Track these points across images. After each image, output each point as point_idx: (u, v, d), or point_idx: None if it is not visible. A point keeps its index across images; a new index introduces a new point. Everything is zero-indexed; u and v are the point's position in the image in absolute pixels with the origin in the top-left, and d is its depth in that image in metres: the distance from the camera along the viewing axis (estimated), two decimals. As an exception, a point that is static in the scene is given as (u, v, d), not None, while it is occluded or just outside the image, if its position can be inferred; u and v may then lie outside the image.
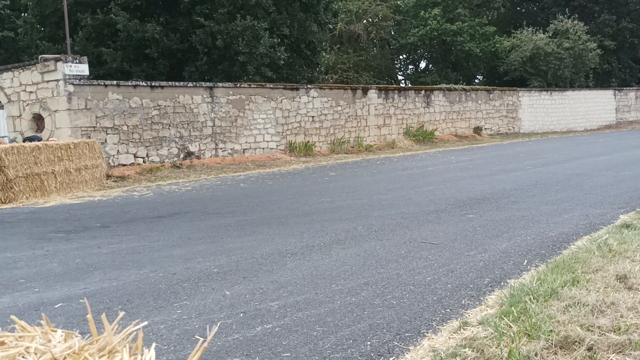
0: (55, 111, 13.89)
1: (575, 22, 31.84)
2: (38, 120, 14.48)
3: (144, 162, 15.14)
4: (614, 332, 3.38)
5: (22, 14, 27.29)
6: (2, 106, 15.37)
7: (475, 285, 4.65)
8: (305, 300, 4.40)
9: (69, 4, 17.78)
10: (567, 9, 33.29)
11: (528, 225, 6.87)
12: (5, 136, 14.26)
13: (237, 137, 17.34)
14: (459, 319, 3.88)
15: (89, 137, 13.77)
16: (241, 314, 4.14)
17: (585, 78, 33.08)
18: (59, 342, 1.24)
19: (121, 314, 1.39)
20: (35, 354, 1.20)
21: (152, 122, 15.32)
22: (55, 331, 1.30)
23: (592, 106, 32.11)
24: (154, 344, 1.28)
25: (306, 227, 7.20)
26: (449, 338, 3.56)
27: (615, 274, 4.41)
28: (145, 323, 1.37)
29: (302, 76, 22.09)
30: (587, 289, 4.11)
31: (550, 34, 31.51)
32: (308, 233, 6.85)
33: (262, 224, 7.54)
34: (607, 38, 34.19)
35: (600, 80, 35.53)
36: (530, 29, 31.62)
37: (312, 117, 19.54)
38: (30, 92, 14.37)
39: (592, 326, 3.44)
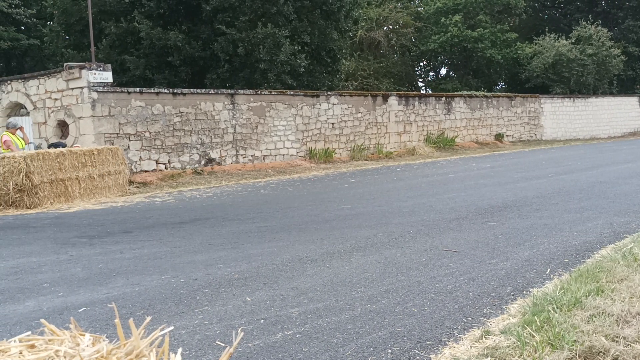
0: (79, 118, 14.12)
1: (599, 28, 31.48)
2: (63, 126, 14.72)
3: (165, 168, 15.29)
4: (640, 343, 3.32)
5: (48, 23, 27.82)
6: (28, 113, 15.66)
7: (497, 294, 4.61)
8: (325, 307, 4.40)
9: (94, 12, 18.09)
10: (590, 15, 32.94)
11: (551, 234, 6.79)
12: (30, 142, 14.52)
13: (258, 143, 17.43)
14: (480, 328, 3.84)
15: (112, 144, 13.95)
16: (262, 320, 4.16)
17: (609, 85, 32.66)
18: (88, 346, 1.27)
19: (148, 318, 1.41)
20: (65, 357, 1.22)
21: (174, 128, 15.48)
22: (84, 335, 1.32)
23: (616, 113, 31.67)
24: (180, 349, 1.29)
25: (326, 234, 7.20)
26: (471, 347, 3.53)
27: (641, 284, 4.33)
28: (171, 328, 1.39)
29: (322, 83, 22.16)
30: (611, 299, 4.04)
31: (573, 41, 31.18)
32: (328, 240, 6.85)
33: (282, 231, 7.56)
34: (632, 44, 33.74)
35: (624, 87, 35.04)
36: (552, 35, 31.32)
37: (332, 124, 19.57)
38: (56, 99, 14.63)
39: (617, 337, 3.39)
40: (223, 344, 3.74)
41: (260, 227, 7.87)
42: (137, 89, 15.09)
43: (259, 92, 17.68)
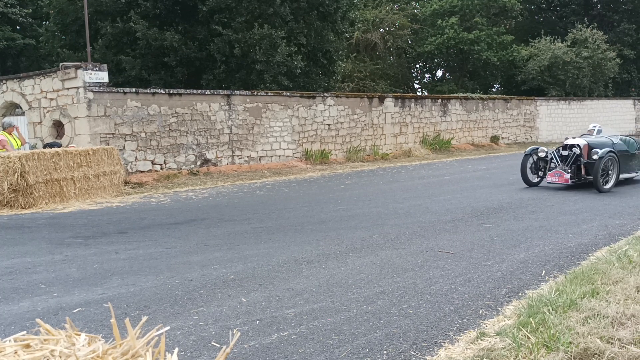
0: (75, 118, 14.08)
1: (594, 31, 31.62)
2: (58, 126, 14.67)
3: (161, 168, 15.26)
4: (635, 344, 3.33)
5: (44, 22, 27.77)
6: (24, 113, 15.61)
7: (492, 296, 4.62)
8: (321, 309, 4.40)
9: (90, 12, 18.04)
10: (585, 18, 33.07)
11: (546, 236, 6.81)
12: (26, 142, 14.48)
13: (254, 144, 17.42)
14: (476, 329, 3.85)
15: (108, 144, 13.91)
16: (257, 321, 4.15)
17: (604, 87, 32.80)
18: (83, 345, 1.26)
19: (144, 318, 1.41)
20: (60, 357, 1.22)
21: (169, 129, 15.45)
22: (79, 335, 1.32)
23: (611, 116, 31.78)
24: (176, 349, 1.29)
25: (322, 235, 7.20)
26: (466, 348, 3.54)
27: (636, 286, 4.35)
28: (168, 328, 1.39)
29: (318, 85, 22.16)
30: (606, 301, 4.05)
31: (568, 43, 31.31)
32: (324, 241, 6.85)
33: (278, 231, 7.55)
34: (627, 47, 33.89)
35: (619, 89, 35.19)
36: (548, 38, 31.43)
37: (329, 125, 19.57)
38: (51, 99, 14.58)
39: (612, 338, 3.40)
40: (218, 345, 3.73)
41: (256, 228, 7.86)
42: (133, 89, 15.05)
43: (255, 93, 17.67)
